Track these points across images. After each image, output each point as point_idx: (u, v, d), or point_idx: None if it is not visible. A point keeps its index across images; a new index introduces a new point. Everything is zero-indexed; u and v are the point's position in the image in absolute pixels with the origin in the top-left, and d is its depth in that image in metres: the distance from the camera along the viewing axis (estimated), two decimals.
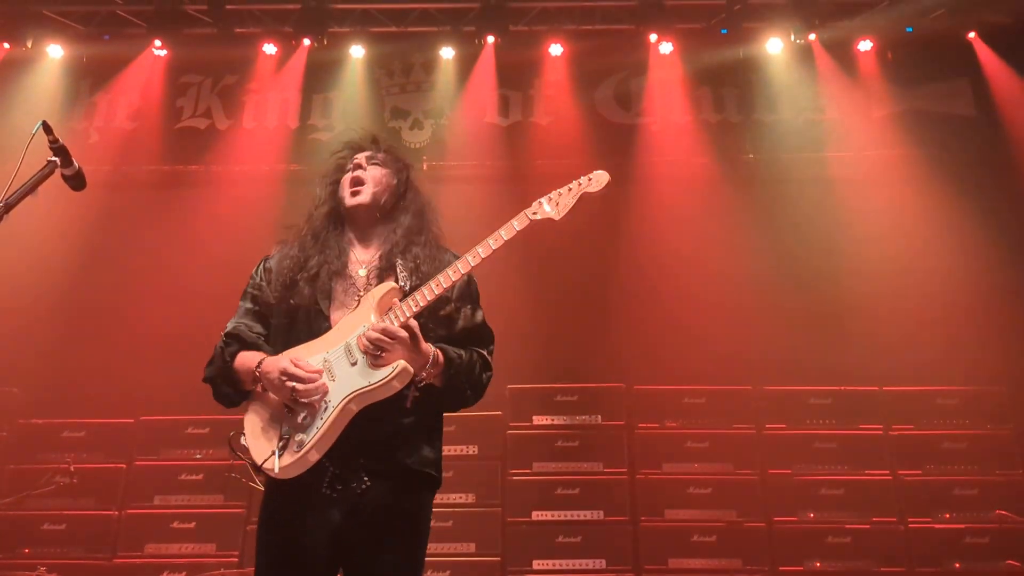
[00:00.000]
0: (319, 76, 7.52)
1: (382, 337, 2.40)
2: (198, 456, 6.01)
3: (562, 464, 5.97)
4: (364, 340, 2.42)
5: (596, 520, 5.77)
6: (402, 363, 2.40)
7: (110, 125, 7.47)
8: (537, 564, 5.64)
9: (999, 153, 6.97)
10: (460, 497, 5.73)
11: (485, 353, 2.66)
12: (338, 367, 2.47)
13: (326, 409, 2.42)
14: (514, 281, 5.79)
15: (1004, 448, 5.90)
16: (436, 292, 2.46)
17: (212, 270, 6.12)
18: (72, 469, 5.45)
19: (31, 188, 2.34)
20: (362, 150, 2.85)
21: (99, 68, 7.52)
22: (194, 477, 5.92)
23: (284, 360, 2.47)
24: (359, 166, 2.78)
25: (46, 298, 6.54)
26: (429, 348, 2.47)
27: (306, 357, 2.50)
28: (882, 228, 6.78)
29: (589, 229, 6.26)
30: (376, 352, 2.40)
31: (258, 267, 2.80)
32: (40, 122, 2.39)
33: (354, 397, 2.41)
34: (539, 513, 5.79)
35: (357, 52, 7.49)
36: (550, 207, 2.56)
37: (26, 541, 5.72)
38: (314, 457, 2.40)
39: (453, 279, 2.48)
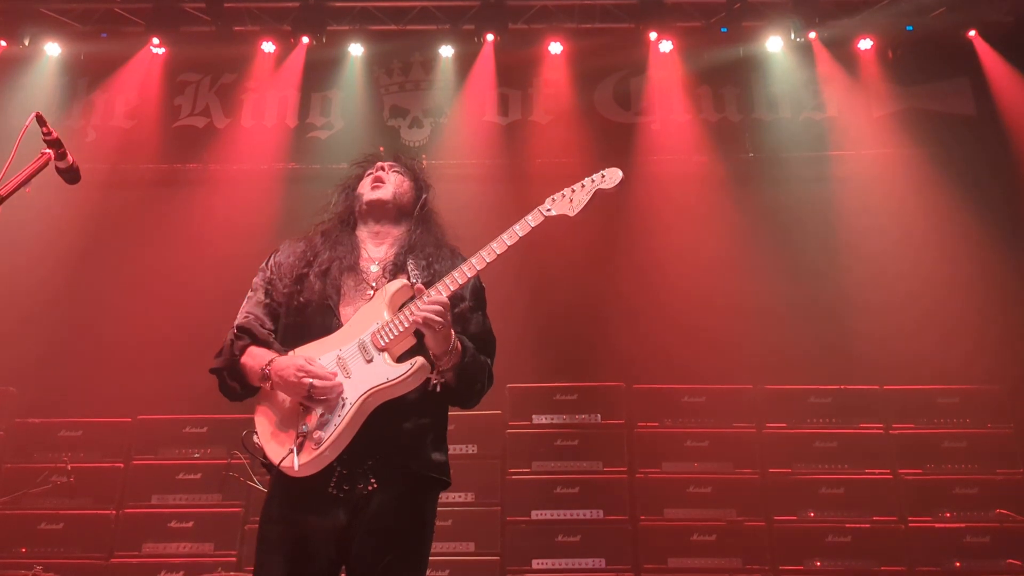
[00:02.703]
0: (318, 74, 7.51)
1: (442, 309, 2.40)
2: (196, 455, 5.99)
3: (561, 463, 5.95)
4: (427, 313, 2.38)
5: (595, 519, 5.75)
6: (420, 360, 2.41)
7: (108, 123, 7.45)
8: (536, 563, 5.62)
9: (999, 152, 6.96)
10: (459, 496, 5.71)
11: (489, 361, 2.68)
12: (353, 364, 2.46)
13: (343, 406, 2.41)
14: (514, 280, 5.77)
15: (1005, 447, 5.88)
16: (451, 288, 2.48)
17: (210, 269, 6.12)
18: (69, 468, 5.43)
19: (24, 180, 2.31)
20: (385, 160, 2.91)
21: (97, 66, 7.50)
22: (192, 476, 5.89)
23: (299, 358, 2.47)
24: (381, 169, 2.85)
25: (43, 297, 6.52)
26: (452, 333, 2.49)
27: (319, 354, 2.50)
28: (882, 227, 6.77)
29: (588, 228, 6.24)
30: (440, 323, 2.39)
31: (267, 260, 2.80)
32: (34, 114, 2.36)
33: (372, 393, 2.41)
34: (538, 512, 5.77)
35: (356, 50, 7.48)
36: (564, 204, 2.56)
37: (23, 540, 5.69)
38: (331, 455, 2.39)
39: (469, 275, 2.50)
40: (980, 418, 5.98)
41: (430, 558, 2.57)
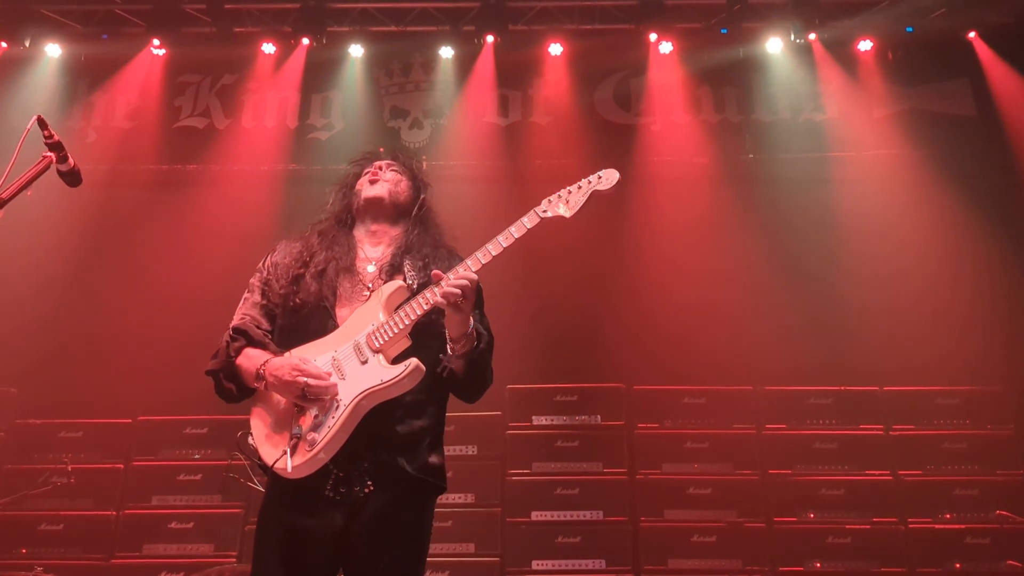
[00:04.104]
0: (318, 75, 7.51)
1: (466, 283, 2.37)
2: (196, 456, 5.99)
3: (561, 464, 5.95)
4: (450, 288, 2.36)
5: (596, 520, 5.75)
6: (415, 361, 2.40)
7: (108, 124, 7.45)
8: (536, 564, 5.62)
9: (999, 153, 6.96)
10: (459, 497, 5.71)
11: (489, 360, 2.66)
12: (348, 365, 2.45)
13: (337, 408, 2.41)
14: (514, 280, 5.78)
15: (1005, 448, 5.88)
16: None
17: (210, 270, 6.11)
18: (70, 469, 5.42)
19: (26, 183, 2.31)
20: (383, 158, 2.90)
21: (97, 67, 7.51)
22: (192, 477, 5.89)
23: (294, 359, 2.47)
24: (379, 168, 2.84)
25: (44, 297, 6.52)
26: (471, 319, 2.49)
27: (314, 355, 2.49)
28: (882, 228, 6.77)
29: (589, 229, 6.24)
30: (461, 300, 2.38)
31: (264, 260, 2.79)
32: (35, 117, 2.36)
33: (366, 395, 2.41)
34: (538, 513, 5.77)
35: (356, 51, 7.48)
36: (561, 205, 2.54)
37: (23, 541, 5.69)
38: (325, 457, 2.39)
39: (473, 270, 2.47)
40: (980, 419, 5.97)
41: (430, 559, 2.58)
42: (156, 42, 7.36)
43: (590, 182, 2.56)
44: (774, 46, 7.36)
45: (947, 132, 7.12)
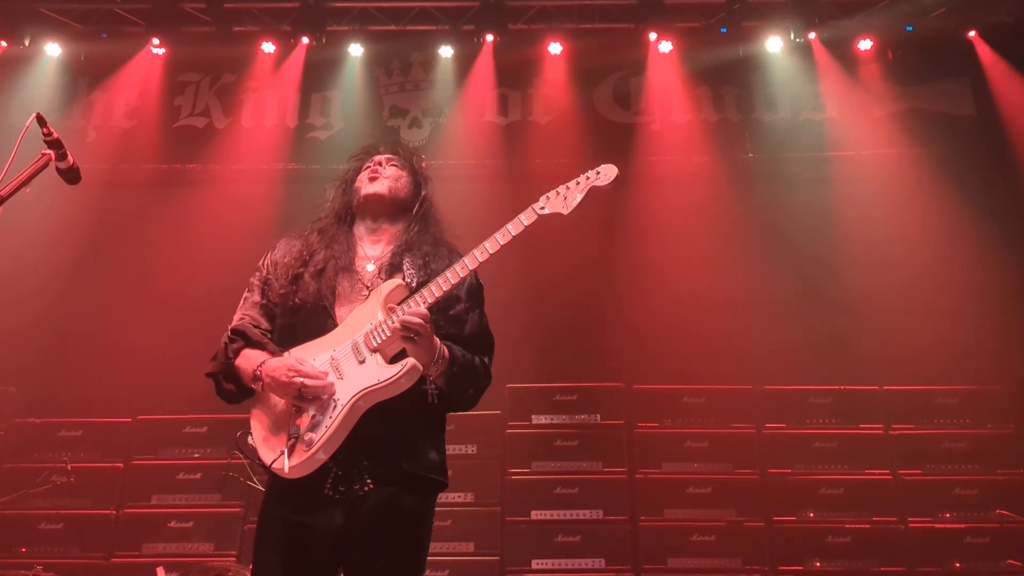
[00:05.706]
0: (317, 75, 7.52)
1: (421, 322, 2.36)
2: (196, 455, 5.99)
3: (561, 463, 5.95)
4: (398, 326, 2.36)
5: (595, 519, 5.75)
6: (411, 361, 2.38)
7: (108, 123, 7.46)
8: (536, 563, 5.62)
9: (999, 153, 6.96)
10: (459, 496, 5.70)
11: (486, 360, 2.65)
12: (346, 365, 2.44)
13: (335, 407, 2.39)
14: (513, 280, 5.77)
15: (1005, 447, 5.88)
16: (444, 288, 2.45)
17: (210, 269, 6.12)
18: (69, 468, 5.44)
19: (24, 181, 2.31)
20: (383, 153, 2.86)
21: (97, 66, 7.51)
22: (192, 476, 5.90)
23: (290, 359, 2.46)
24: (379, 163, 2.80)
25: (43, 296, 6.52)
26: (437, 342, 2.46)
27: (313, 355, 2.48)
28: (882, 227, 6.77)
29: (588, 228, 6.26)
30: (412, 337, 2.36)
31: (264, 259, 2.77)
32: (34, 115, 2.36)
33: (363, 395, 2.39)
34: (538, 512, 5.77)
35: (356, 51, 7.49)
36: (558, 202, 2.51)
37: (23, 540, 5.69)
38: (323, 456, 2.38)
39: (462, 275, 2.46)
40: (980, 419, 5.98)
41: (429, 558, 2.56)
42: (156, 41, 7.37)
43: (588, 178, 2.53)
44: (774, 45, 7.36)
45: (947, 131, 7.12)
